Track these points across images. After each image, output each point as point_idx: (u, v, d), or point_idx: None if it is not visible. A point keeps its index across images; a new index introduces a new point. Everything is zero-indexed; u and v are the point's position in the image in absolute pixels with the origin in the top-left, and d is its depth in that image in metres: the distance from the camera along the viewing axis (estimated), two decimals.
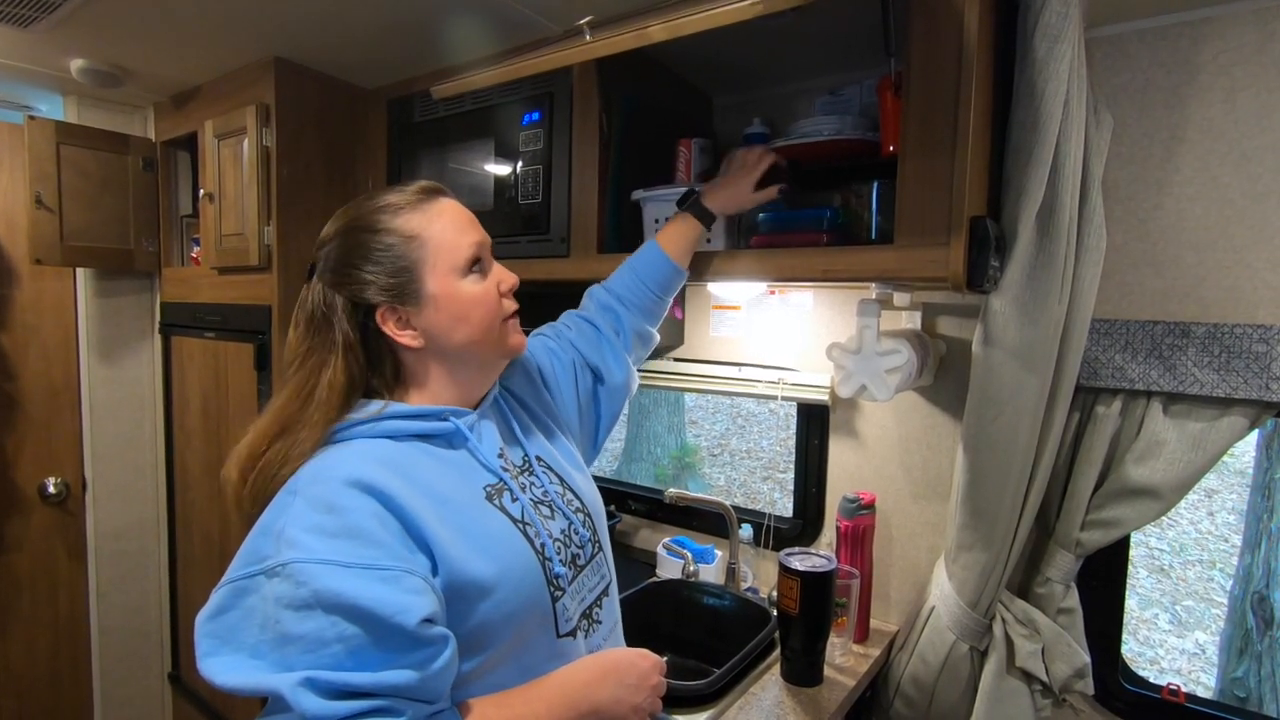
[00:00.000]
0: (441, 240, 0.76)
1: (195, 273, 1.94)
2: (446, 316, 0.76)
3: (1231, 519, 5.13)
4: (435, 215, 0.77)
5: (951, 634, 1.21)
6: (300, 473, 0.69)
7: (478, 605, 0.68)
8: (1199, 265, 1.10)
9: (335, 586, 0.59)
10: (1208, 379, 1.06)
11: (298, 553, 0.61)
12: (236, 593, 0.63)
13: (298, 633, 0.59)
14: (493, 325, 0.79)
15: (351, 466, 0.67)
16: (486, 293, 0.79)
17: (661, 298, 1.11)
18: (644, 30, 0.92)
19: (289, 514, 0.65)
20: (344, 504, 0.64)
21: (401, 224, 0.76)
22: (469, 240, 0.78)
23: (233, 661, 0.61)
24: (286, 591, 0.60)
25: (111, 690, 2.16)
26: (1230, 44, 1.06)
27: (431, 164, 1.56)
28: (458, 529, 0.69)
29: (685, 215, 1.13)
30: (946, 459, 1.34)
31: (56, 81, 1.80)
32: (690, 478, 6.68)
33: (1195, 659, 4.30)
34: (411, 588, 0.62)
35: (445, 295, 0.76)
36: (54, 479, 2.05)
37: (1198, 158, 1.10)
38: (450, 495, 0.72)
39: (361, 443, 0.72)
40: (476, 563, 0.68)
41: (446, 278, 0.76)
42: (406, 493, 0.67)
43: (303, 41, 1.50)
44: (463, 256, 0.77)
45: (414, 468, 0.71)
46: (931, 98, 0.93)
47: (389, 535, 0.64)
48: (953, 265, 0.92)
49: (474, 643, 0.69)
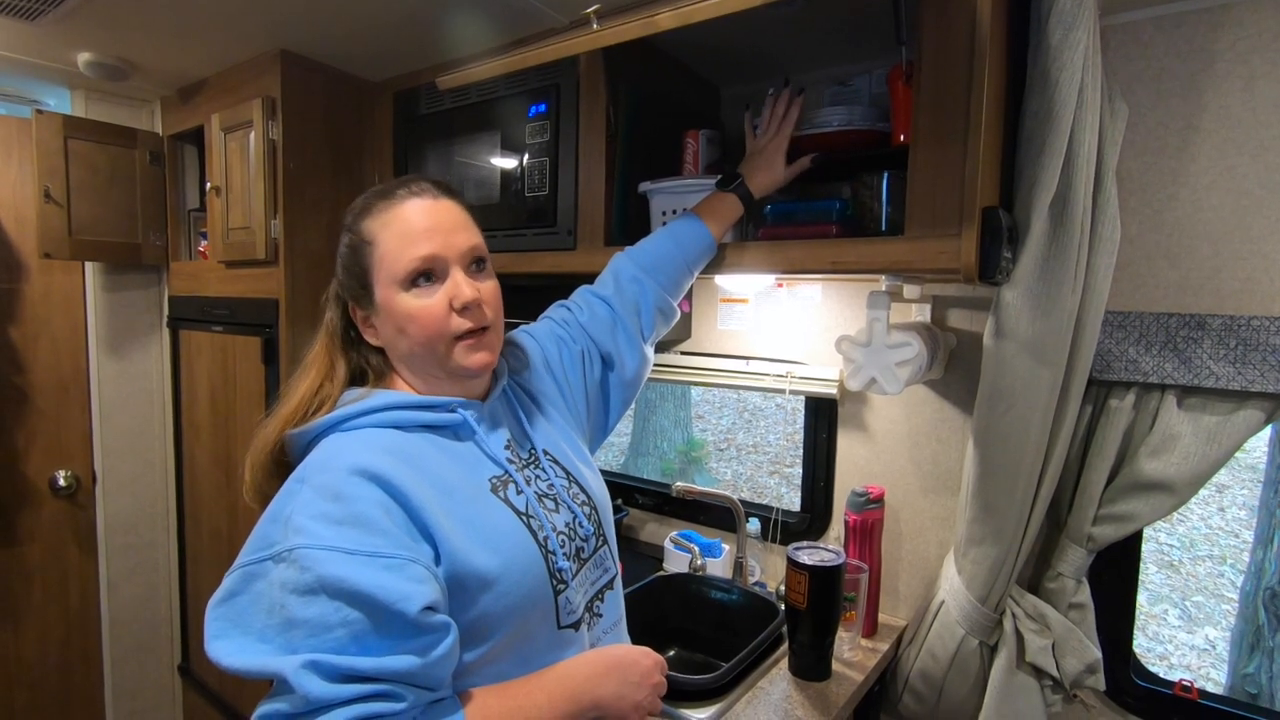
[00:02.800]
0: (386, 250, 0.75)
1: (202, 266, 1.95)
2: (389, 327, 0.77)
3: (1242, 514, 5.09)
4: (388, 221, 0.76)
5: (961, 629, 1.20)
6: (308, 460, 0.70)
7: (479, 597, 0.69)
8: (1215, 257, 1.09)
9: (339, 573, 0.60)
10: (1223, 372, 1.05)
11: (304, 539, 0.62)
12: (246, 577, 0.64)
13: (302, 617, 0.60)
14: (432, 343, 0.75)
15: (358, 455, 0.68)
16: (426, 310, 0.74)
17: (692, 271, 1.10)
18: (652, 19, 0.91)
19: (296, 501, 0.66)
20: (350, 492, 0.65)
21: (363, 226, 0.77)
22: (414, 253, 0.74)
23: (240, 644, 0.61)
24: (292, 577, 0.61)
25: (122, 681, 2.18)
26: (1249, 31, 1.04)
27: (437, 157, 1.55)
28: (462, 520, 0.70)
29: (727, 195, 1.12)
30: (956, 453, 1.33)
31: (64, 75, 1.81)
32: (697, 472, 6.68)
33: (1205, 655, 4.27)
34: (414, 576, 0.62)
35: (385, 306, 0.76)
36: (64, 472, 2.06)
37: (1214, 147, 1.08)
38: (455, 487, 0.72)
39: (370, 431, 0.72)
40: (479, 555, 0.69)
41: (388, 289, 0.75)
42: (412, 482, 0.67)
43: (309, 34, 1.50)
44: (403, 269, 0.74)
45: (421, 458, 0.72)
46: (942, 87, 0.91)
47: (393, 524, 0.65)
48: (964, 256, 0.91)
49: (475, 633, 0.69)
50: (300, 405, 0.76)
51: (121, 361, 2.12)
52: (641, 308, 1.05)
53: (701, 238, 1.09)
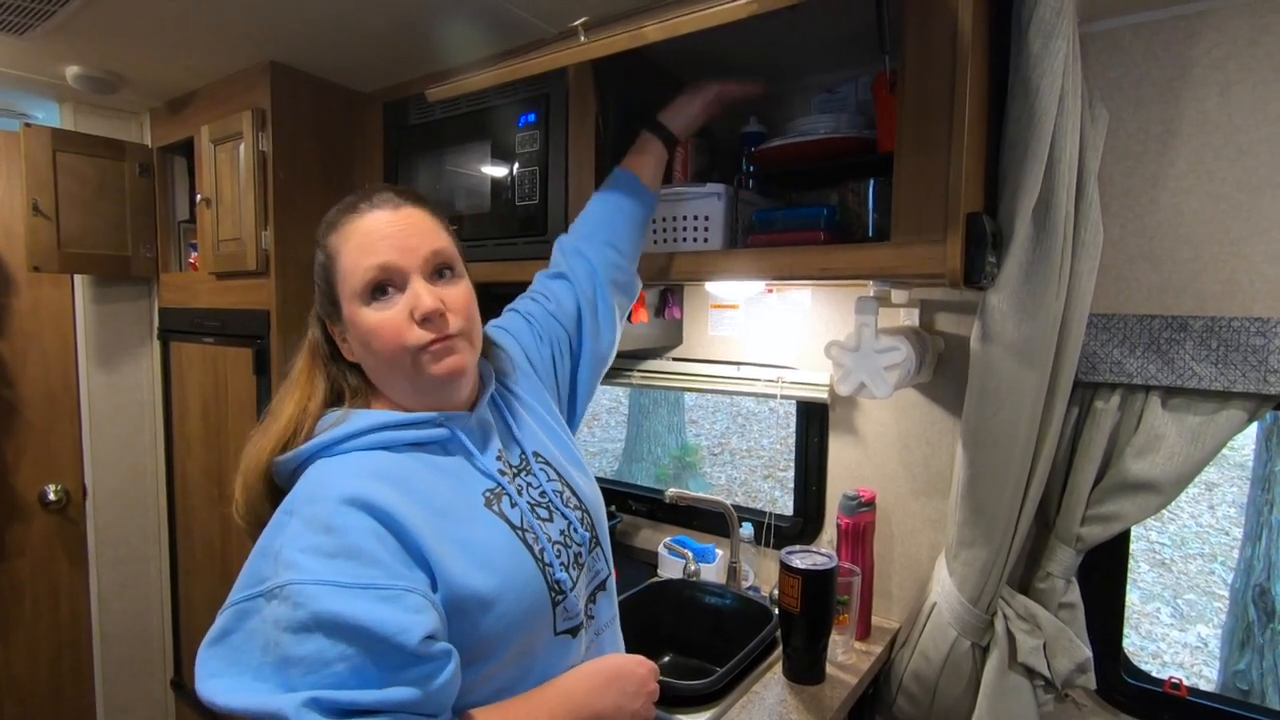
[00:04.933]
0: (345, 263, 0.74)
1: (193, 278, 1.94)
2: (356, 341, 0.76)
3: (1232, 512, 5.14)
4: (348, 235, 0.75)
5: (953, 630, 1.21)
6: (296, 490, 0.69)
7: (480, 619, 0.68)
8: (1195, 259, 1.10)
9: (334, 608, 0.59)
10: (1206, 372, 1.06)
11: (295, 574, 0.60)
12: (238, 615, 0.63)
13: (298, 654, 0.59)
14: (396, 357, 0.73)
15: (346, 483, 0.66)
16: (385, 323, 0.72)
17: (633, 220, 1.11)
18: (639, 30, 0.92)
19: (286, 534, 0.64)
20: (340, 523, 0.63)
21: (329, 241, 0.77)
22: (367, 263, 0.72)
23: (236, 683, 0.60)
24: (285, 614, 0.60)
25: (114, 696, 2.16)
26: (1224, 37, 1.07)
27: (428, 167, 1.56)
28: (457, 542, 0.69)
29: (647, 137, 1.15)
30: (946, 455, 1.34)
31: (52, 89, 1.80)
32: (691, 477, 6.68)
33: (1197, 652, 4.30)
34: (412, 606, 0.61)
35: (350, 322, 0.75)
36: (54, 486, 2.05)
37: (1193, 151, 1.10)
38: (449, 507, 0.71)
39: (357, 456, 0.71)
40: (477, 576, 0.68)
41: (350, 303, 0.74)
42: (404, 507, 0.66)
43: (298, 46, 1.50)
44: (359, 282, 0.72)
45: (411, 479, 0.70)
46: (926, 95, 0.93)
47: (387, 553, 0.63)
48: (950, 262, 0.92)
49: (480, 653, 0.68)
50: (289, 425, 0.75)
51: (112, 374, 2.11)
52: (595, 281, 1.04)
53: (627, 181, 1.11)
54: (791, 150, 1.18)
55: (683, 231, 1.22)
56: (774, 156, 1.21)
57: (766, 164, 1.26)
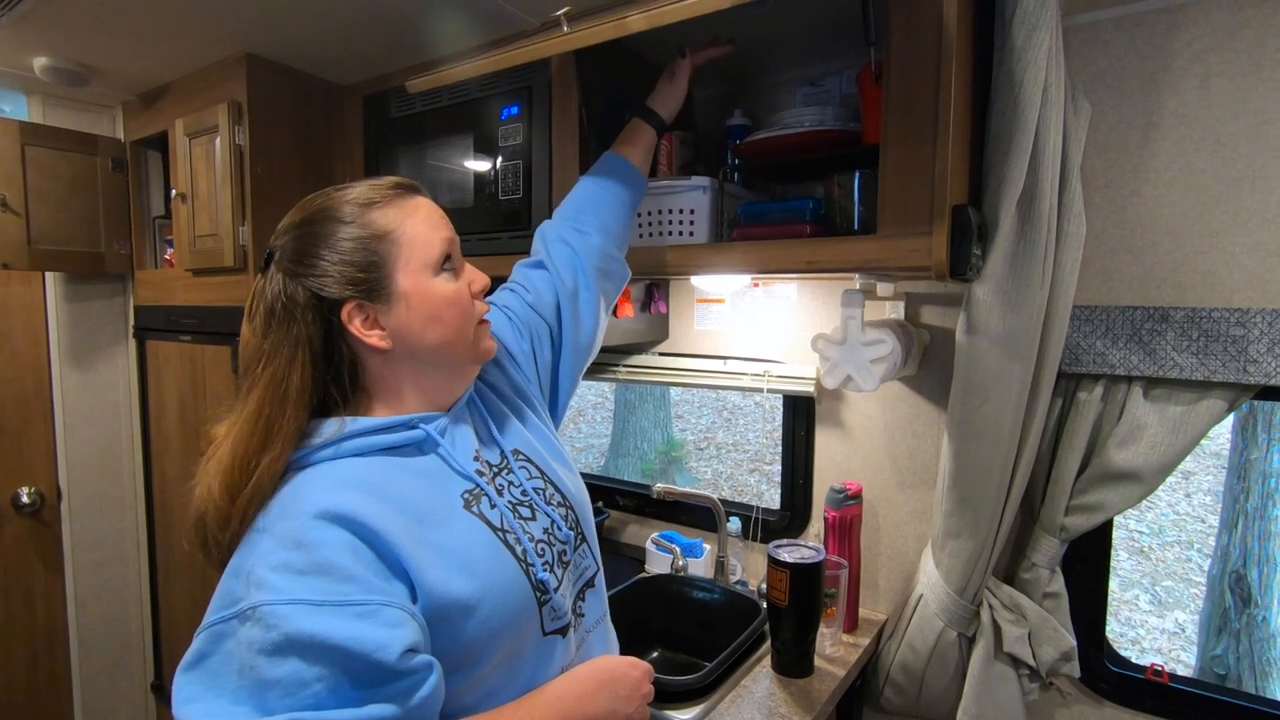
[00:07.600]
0: (415, 236, 0.74)
1: (169, 275, 1.90)
2: (419, 316, 0.73)
3: (1208, 500, 5.24)
4: (410, 211, 0.75)
5: (940, 621, 1.22)
6: (271, 506, 0.66)
7: (463, 624, 0.66)
8: (1176, 250, 1.11)
9: (308, 628, 0.57)
10: (1186, 363, 1.08)
11: (266, 594, 0.59)
12: (214, 638, 0.61)
13: (274, 677, 0.57)
14: (465, 328, 0.77)
15: (319, 496, 0.64)
16: (459, 293, 0.76)
17: (623, 203, 1.10)
18: (623, 20, 0.91)
19: (256, 553, 0.62)
20: (313, 538, 0.61)
21: (375, 218, 0.73)
22: (441, 236, 0.76)
23: (213, 708, 0.58)
24: (259, 636, 0.58)
25: (93, 702, 2.12)
26: (1204, 30, 1.07)
27: (409, 160, 1.54)
28: (436, 547, 0.67)
29: (637, 123, 1.15)
30: (932, 448, 1.35)
31: (20, 81, 1.76)
32: (677, 472, 6.70)
33: (1175, 638, 4.39)
34: (390, 620, 0.60)
35: (418, 293, 0.73)
36: (27, 489, 2.00)
37: (1174, 144, 1.11)
38: (426, 511, 0.69)
39: (330, 465, 0.68)
40: (457, 582, 0.66)
41: (419, 275, 0.73)
42: (379, 515, 0.64)
43: (275, 37, 1.47)
44: (435, 252, 0.75)
45: (386, 485, 0.68)
46: (911, 87, 0.93)
47: (362, 567, 0.61)
48: (935, 254, 0.92)
49: (465, 659, 0.67)
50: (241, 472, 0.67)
51: (86, 374, 2.06)
52: (578, 269, 1.02)
53: (617, 164, 1.11)
54: (776, 143, 1.17)
55: (668, 225, 1.21)
56: (759, 149, 1.20)
57: (751, 157, 1.26)
